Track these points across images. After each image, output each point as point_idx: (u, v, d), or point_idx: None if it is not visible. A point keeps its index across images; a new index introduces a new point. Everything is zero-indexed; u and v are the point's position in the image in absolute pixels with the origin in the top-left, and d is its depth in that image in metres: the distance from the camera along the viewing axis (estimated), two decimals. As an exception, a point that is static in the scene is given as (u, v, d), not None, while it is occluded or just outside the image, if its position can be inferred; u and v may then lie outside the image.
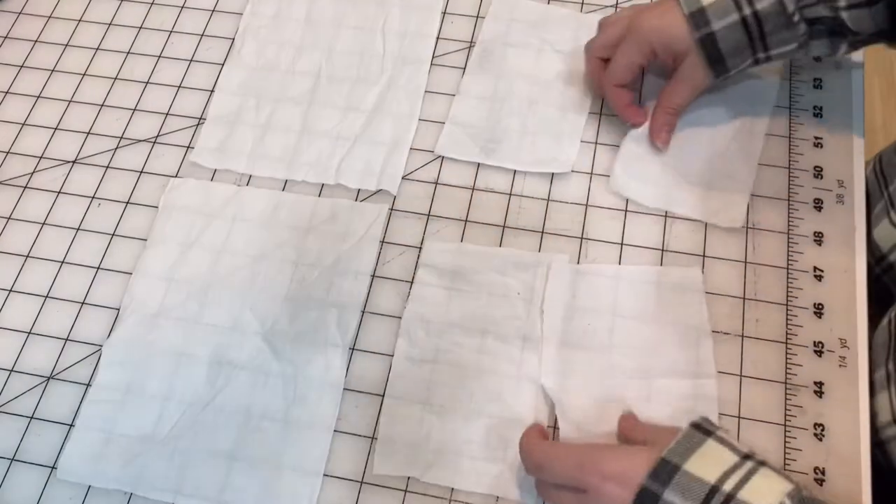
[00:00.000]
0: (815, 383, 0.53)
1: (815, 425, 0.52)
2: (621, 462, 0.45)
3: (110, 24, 0.72)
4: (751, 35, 0.54)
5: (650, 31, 0.57)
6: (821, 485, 0.50)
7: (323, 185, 0.63)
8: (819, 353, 0.54)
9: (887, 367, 0.55)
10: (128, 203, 0.63)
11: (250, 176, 0.63)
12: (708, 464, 0.43)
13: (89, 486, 0.53)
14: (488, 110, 0.64)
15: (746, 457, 0.44)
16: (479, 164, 0.62)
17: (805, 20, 0.54)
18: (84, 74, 0.70)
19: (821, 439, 0.51)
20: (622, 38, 0.59)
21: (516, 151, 0.62)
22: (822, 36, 0.56)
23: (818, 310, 0.55)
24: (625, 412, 0.52)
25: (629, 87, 0.61)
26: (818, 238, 0.58)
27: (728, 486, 0.42)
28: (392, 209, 0.61)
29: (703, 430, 0.45)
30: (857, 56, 0.64)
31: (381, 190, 0.62)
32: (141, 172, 0.64)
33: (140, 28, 0.72)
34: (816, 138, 0.62)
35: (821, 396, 0.52)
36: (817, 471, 0.51)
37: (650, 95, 0.63)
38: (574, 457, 0.46)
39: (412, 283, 0.58)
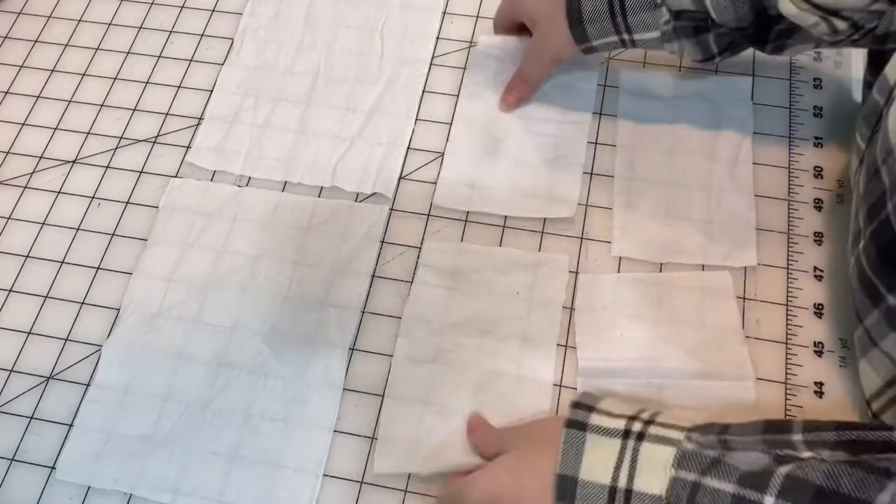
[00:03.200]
0: (815, 383, 0.53)
1: (815, 425, 0.52)
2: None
3: (110, 24, 0.72)
4: (612, 5, 0.52)
5: None
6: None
7: (322, 186, 0.63)
8: (819, 353, 0.54)
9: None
10: (128, 203, 0.63)
11: (249, 177, 0.63)
12: (598, 461, 0.43)
13: (89, 487, 0.53)
14: (480, 161, 0.63)
15: (626, 433, 0.43)
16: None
17: (668, 9, 0.52)
18: (84, 74, 0.70)
19: (821, 439, 0.51)
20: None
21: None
22: (689, 34, 0.54)
23: (818, 310, 0.55)
24: (472, 415, 0.52)
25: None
26: (818, 238, 0.58)
27: (622, 482, 0.42)
28: (392, 209, 0.61)
29: (578, 424, 0.44)
30: (858, 56, 0.64)
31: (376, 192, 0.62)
32: (141, 172, 0.64)
33: (140, 28, 0.72)
34: (816, 138, 0.62)
35: (821, 396, 0.52)
36: (817, 471, 0.50)
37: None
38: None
39: (412, 283, 0.58)
